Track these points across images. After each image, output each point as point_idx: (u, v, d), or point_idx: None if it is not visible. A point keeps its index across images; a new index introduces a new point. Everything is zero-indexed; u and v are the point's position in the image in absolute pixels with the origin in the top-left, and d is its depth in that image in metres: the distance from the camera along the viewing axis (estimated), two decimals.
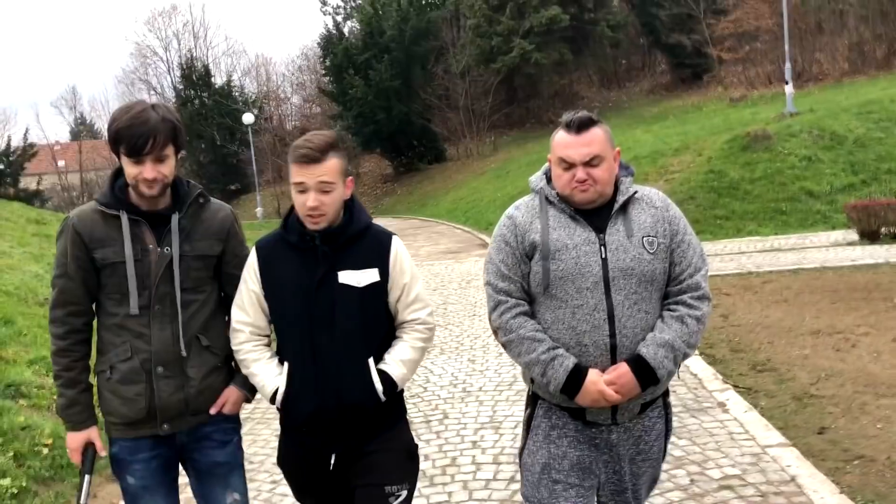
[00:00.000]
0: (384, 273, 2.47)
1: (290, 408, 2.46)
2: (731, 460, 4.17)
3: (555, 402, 2.40)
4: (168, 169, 2.44)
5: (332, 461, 2.49)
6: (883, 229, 10.91)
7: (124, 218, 2.44)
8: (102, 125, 58.43)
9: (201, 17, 52.99)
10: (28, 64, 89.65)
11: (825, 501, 3.62)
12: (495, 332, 2.46)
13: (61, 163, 51.78)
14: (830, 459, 4.09)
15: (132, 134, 2.35)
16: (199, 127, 40.91)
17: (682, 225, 2.38)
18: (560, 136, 2.35)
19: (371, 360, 2.43)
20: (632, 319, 2.28)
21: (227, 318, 2.62)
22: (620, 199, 2.36)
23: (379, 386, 2.42)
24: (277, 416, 2.64)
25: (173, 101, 43.67)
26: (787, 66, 18.62)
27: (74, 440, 2.53)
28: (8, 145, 41.82)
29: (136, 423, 2.49)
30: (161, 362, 2.47)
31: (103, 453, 2.55)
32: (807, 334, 6.55)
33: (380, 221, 2.64)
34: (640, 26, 36.42)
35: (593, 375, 2.26)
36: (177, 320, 2.47)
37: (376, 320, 2.48)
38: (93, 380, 2.58)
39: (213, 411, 2.56)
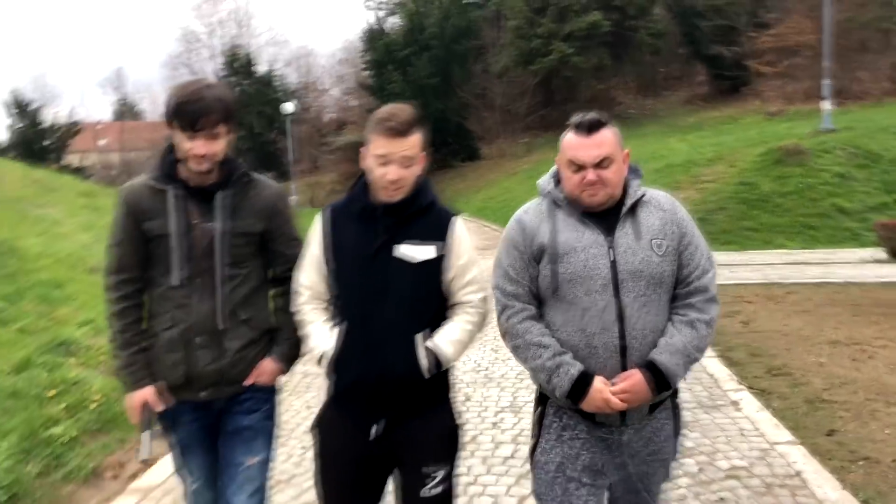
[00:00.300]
0: (442, 251, 2.45)
1: (336, 373, 2.47)
2: (740, 454, 4.36)
3: (562, 405, 2.41)
4: (219, 147, 2.49)
5: (373, 432, 2.47)
6: None
7: (171, 193, 2.51)
8: (146, 107, 59.57)
9: (246, 6, 53.94)
10: (77, 44, 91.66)
11: (827, 496, 3.80)
12: (503, 336, 2.47)
13: (102, 141, 52.82)
14: (836, 459, 4.26)
15: (187, 110, 2.42)
16: (239, 114, 41.45)
17: (689, 227, 2.38)
18: (569, 138, 2.34)
19: (419, 336, 2.42)
20: (641, 321, 2.28)
21: (269, 293, 2.70)
22: (629, 201, 2.35)
23: (424, 362, 2.41)
24: (308, 387, 2.80)
25: None
26: (826, 82, 18.53)
27: (132, 399, 2.61)
28: (54, 122, 43.13)
29: (177, 388, 2.59)
30: (200, 333, 2.54)
31: (158, 409, 2.61)
32: (824, 343, 6.69)
33: None
34: (680, 35, 36.26)
35: (598, 383, 2.26)
36: (217, 294, 2.54)
37: (428, 297, 2.46)
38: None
39: (247, 383, 2.63)
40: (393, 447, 2.48)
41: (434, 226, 2.46)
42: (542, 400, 2.50)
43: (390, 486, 2.61)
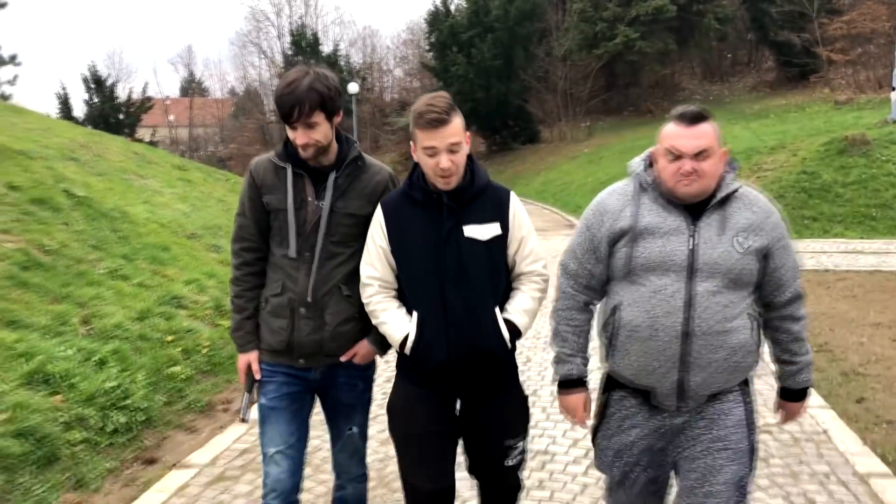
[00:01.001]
0: (505, 227, 2.56)
1: (421, 355, 2.53)
2: (773, 414, 4.86)
3: (626, 380, 2.48)
4: (319, 134, 2.58)
5: (458, 406, 2.60)
6: None
7: (289, 171, 2.66)
8: (213, 84, 61.30)
9: None
10: (150, 21, 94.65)
11: (848, 449, 4.30)
12: (550, 314, 2.66)
13: (171, 117, 54.60)
14: (861, 422, 4.74)
15: (282, 103, 2.55)
16: (341, 100, 42.25)
17: (783, 233, 2.42)
18: (670, 128, 2.35)
19: (497, 310, 2.54)
20: (709, 310, 2.28)
21: None
22: (720, 194, 2.36)
23: (506, 334, 2.53)
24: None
25: (282, 66, 45.43)
26: (895, 72, 18.35)
27: (240, 361, 2.80)
28: (129, 97, 44.90)
29: (278, 352, 2.74)
30: (303, 304, 2.67)
31: (258, 376, 2.78)
32: (867, 325, 7.07)
33: None
34: (748, 21, 35.73)
35: (579, 395, 2.59)
36: (322, 268, 2.67)
37: (500, 272, 2.59)
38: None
39: (343, 359, 2.75)
40: (475, 422, 2.60)
41: (494, 204, 2.58)
42: (607, 386, 2.60)
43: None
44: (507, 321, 2.55)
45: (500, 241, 2.56)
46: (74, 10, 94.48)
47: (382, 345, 2.76)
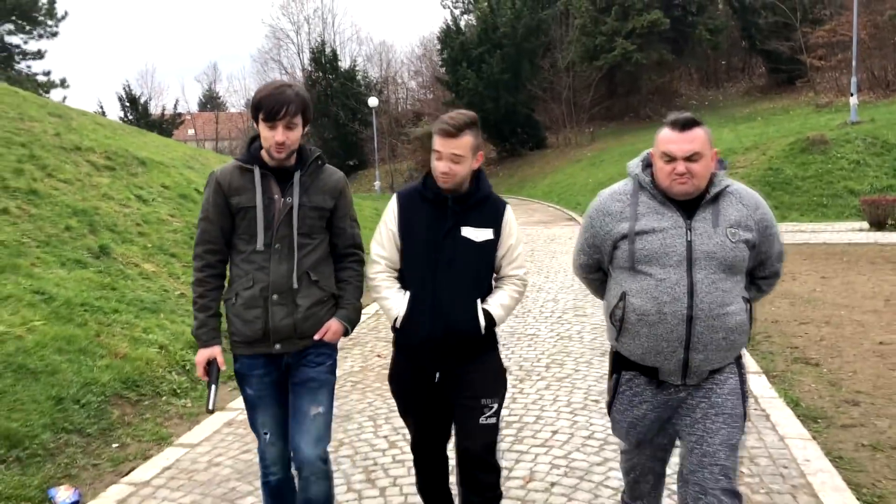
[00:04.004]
0: (497, 233, 2.87)
1: (409, 330, 2.88)
2: None
3: (633, 361, 2.68)
4: (295, 136, 2.78)
5: (437, 377, 2.93)
6: (889, 220, 13.59)
7: (257, 172, 2.81)
8: (238, 100, 63.99)
9: (330, 4, 57.07)
10: (178, 41, 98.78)
11: None
12: (579, 279, 3.03)
13: (190, 131, 57.00)
14: None
15: (271, 102, 2.72)
16: (325, 107, 44.07)
17: (770, 223, 2.62)
18: (664, 133, 2.52)
19: (479, 301, 2.86)
20: (709, 296, 2.47)
21: (332, 261, 3.02)
22: (713, 190, 2.54)
23: (482, 321, 2.84)
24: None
25: (302, 82, 47.62)
26: (853, 79, 20.85)
27: (201, 355, 2.90)
28: (162, 114, 47.87)
29: (254, 341, 2.87)
30: (276, 291, 2.81)
31: (224, 368, 2.92)
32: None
33: None
34: (740, 30, 37.91)
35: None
36: (292, 258, 2.82)
37: (486, 270, 2.91)
38: (222, 309, 2.97)
39: (316, 337, 2.90)
40: (455, 385, 2.93)
41: (491, 213, 2.89)
42: (615, 367, 2.81)
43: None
44: (484, 311, 2.87)
45: (491, 246, 2.88)
46: (108, 32, 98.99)
47: (350, 322, 2.99)
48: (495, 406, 2.91)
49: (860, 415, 4.86)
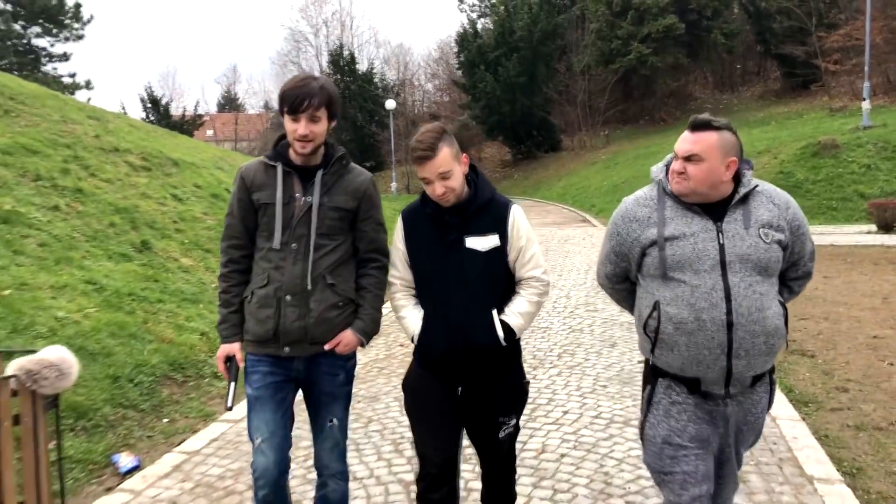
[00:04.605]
0: (503, 238, 2.77)
1: (426, 348, 2.83)
2: None
3: (672, 373, 2.54)
4: (319, 129, 2.73)
5: (459, 391, 2.88)
6: None
7: (279, 168, 2.80)
8: (254, 101, 64.88)
9: (349, 7, 57.62)
10: (198, 43, 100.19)
11: None
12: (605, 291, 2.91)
13: (209, 132, 57.45)
14: None
15: (294, 94, 2.69)
16: (343, 109, 43.84)
17: (802, 222, 2.56)
18: (683, 132, 2.50)
19: (494, 311, 2.76)
20: (747, 300, 2.39)
21: (353, 265, 2.95)
22: (742, 191, 2.46)
23: (500, 333, 2.75)
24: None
25: None
26: (866, 84, 21.09)
27: (220, 351, 2.88)
28: (183, 115, 48.59)
29: (264, 341, 2.82)
30: (289, 292, 2.76)
31: (242, 364, 2.88)
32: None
33: None
34: (755, 34, 38.07)
35: None
36: (308, 258, 2.76)
37: (498, 278, 2.80)
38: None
39: (326, 348, 2.83)
40: (474, 402, 2.88)
41: (493, 218, 2.79)
42: (652, 377, 2.65)
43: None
44: (502, 322, 2.77)
45: (499, 251, 2.78)
46: (130, 35, 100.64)
47: (366, 334, 2.91)
48: (513, 422, 2.91)
49: (848, 400, 5.27)
